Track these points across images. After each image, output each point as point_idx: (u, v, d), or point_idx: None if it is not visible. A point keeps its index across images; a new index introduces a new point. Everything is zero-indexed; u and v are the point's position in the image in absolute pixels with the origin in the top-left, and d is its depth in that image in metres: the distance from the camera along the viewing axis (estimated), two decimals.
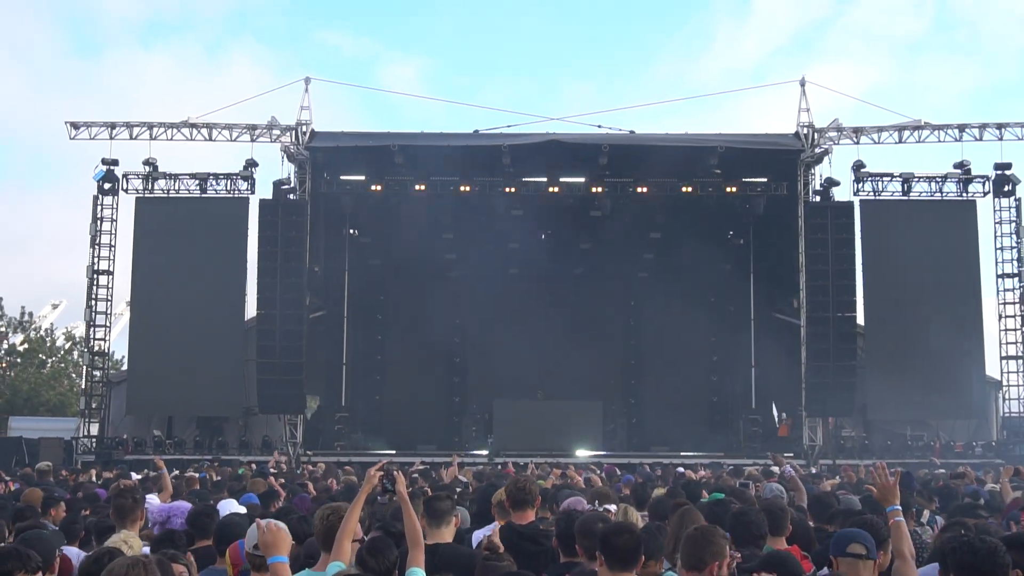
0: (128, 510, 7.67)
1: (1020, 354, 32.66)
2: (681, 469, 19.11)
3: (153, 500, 10.25)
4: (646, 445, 34.50)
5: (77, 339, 49.15)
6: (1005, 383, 32.80)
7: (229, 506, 9.22)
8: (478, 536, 7.49)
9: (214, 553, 6.83)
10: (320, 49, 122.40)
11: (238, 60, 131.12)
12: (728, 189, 31.94)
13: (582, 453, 30.81)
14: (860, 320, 31.33)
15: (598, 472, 16.40)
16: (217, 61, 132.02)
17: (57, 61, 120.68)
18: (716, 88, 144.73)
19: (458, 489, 11.26)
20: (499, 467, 22.84)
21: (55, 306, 54.87)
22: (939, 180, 32.35)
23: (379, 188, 31.90)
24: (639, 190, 31.85)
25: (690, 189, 31.66)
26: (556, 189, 32.08)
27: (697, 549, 5.23)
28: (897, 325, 31.44)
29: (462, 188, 31.80)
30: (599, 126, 31.78)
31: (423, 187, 31.65)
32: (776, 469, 14.33)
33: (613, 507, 8.01)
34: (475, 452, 31.71)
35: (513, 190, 31.93)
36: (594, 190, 31.89)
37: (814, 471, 24.29)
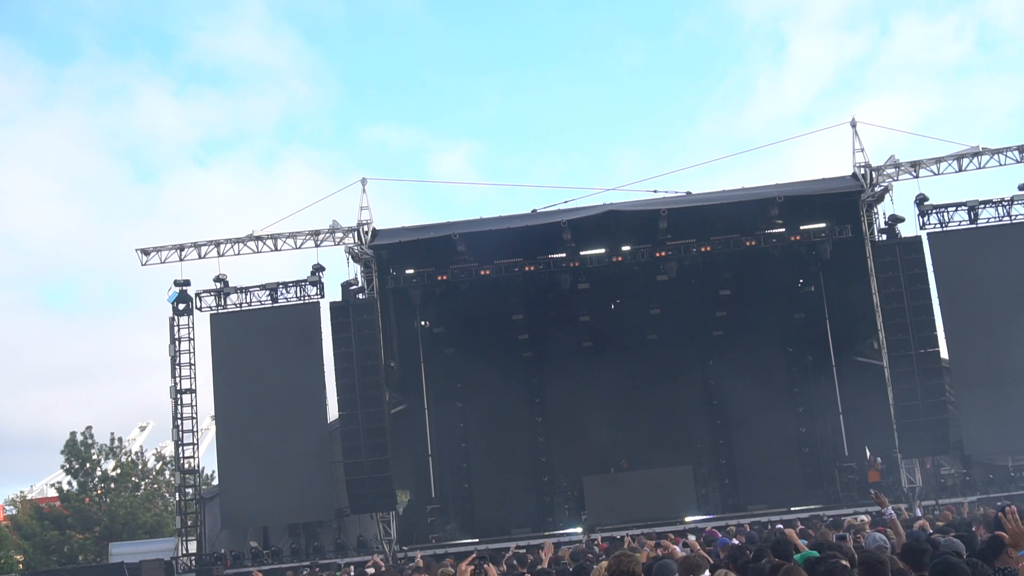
0: None
1: None
2: (780, 526, 18.81)
3: None
4: (742, 505, 34.03)
5: (167, 459, 49.96)
6: None
7: None
8: None
9: None
10: (369, 145, 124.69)
11: (292, 166, 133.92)
12: (792, 238, 31.69)
13: (691, 518, 30.58)
14: (944, 354, 30.74)
15: (694, 537, 16.19)
16: (272, 170, 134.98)
17: (120, 189, 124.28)
18: (764, 137, 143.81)
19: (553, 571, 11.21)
20: (594, 542, 22.67)
21: (142, 428, 55.94)
22: (1006, 204, 31.81)
23: (445, 277, 32.26)
24: (703, 249, 31.75)
25: (754, 243, 31.50)
26: (619, 258, 32.16)
27: None
28: (982, 354, 30.71)
29: (527, 268, 32.00)
30: (655, 191, 31.92)
31: (488, 272, 31.90)
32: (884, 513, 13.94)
33: (706, 575, 7.95)
34: (569, 531, 31.48)
35: (577, 264, 32.08)
36: (658, 255, 31.90)
37: (919, 513, 23.74)
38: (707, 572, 8.06)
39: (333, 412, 32.12)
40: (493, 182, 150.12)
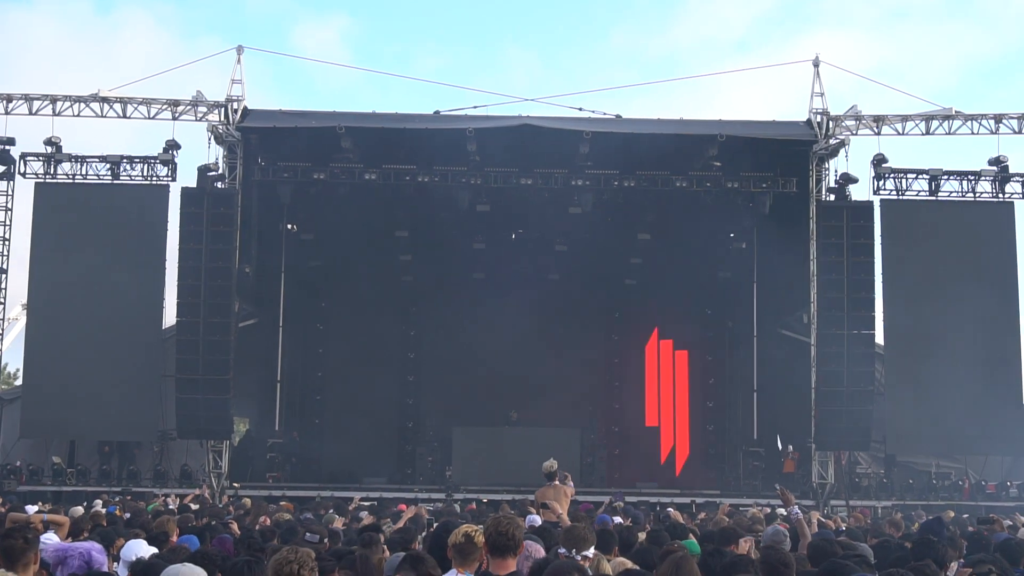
0: (19, 552, 7.45)
1: None
2: (670, 509, 19.11)
3: (50, 538, 10.15)
4: (630, 481, 34.47)
5: None
6: None
7: (138, 547, 9.13)
8: None
9: None
10: (222, 4, 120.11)
11: (131, 16, 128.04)
12: (729, 184, 31.78)
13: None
14: (880, 339, 31.42)
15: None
16: (109, 18, 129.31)
17: None
18: (687, 60, 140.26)
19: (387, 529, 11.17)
20: (457, 505, 22.79)
21: None
22: (972, 178, 32.42)
23: (322, 176, 31.69)
24: (626, 184, 31.78)
25: (685, 184, 31.57)
26: (529, 181, 31.97)
27: None
28: (922, 345, 31.47)
29: (420, 178, 31.66)
30: (580, 108, 31.76)
31: (374, 176, 31.49)
32: (782, 511, 14.31)
33: (591, 552, 7.99)
34: (430, 486, 31.62)
35: (479, 181, 31.81)
36: (574, 183, 31.82)
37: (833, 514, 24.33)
38: (592, 548, 8.10)
39: (171, 317, 31.61)
40: (376, 69, 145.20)
